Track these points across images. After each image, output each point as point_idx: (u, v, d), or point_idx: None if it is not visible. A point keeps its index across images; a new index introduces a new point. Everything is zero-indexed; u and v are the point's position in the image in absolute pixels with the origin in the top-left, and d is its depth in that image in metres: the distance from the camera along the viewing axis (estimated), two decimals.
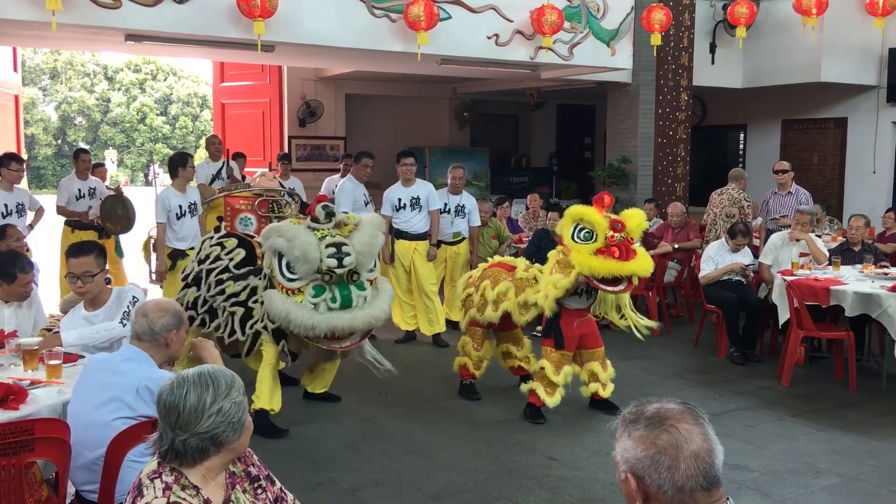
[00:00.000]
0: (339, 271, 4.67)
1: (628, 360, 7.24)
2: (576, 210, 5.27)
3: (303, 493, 4.10)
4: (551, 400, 5.46)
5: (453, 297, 8.20)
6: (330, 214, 4.90)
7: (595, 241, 5.11)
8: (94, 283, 4.14)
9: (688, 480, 1.70)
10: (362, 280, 4.81)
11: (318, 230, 4.79)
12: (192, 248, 6.96)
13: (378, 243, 4.94)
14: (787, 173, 8.88)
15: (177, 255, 7.20)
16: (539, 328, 5.91)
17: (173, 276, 7.07)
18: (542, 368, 5.50)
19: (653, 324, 5.70)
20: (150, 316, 3.19)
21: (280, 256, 4.75)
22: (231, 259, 5.60)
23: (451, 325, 8.22)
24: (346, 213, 5.57)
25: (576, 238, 5.18)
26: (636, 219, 5.26)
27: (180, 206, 7.18)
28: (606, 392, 5.66)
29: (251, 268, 5.55)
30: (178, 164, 7.34)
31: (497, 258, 6.39)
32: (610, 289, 5.19)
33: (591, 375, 5.68)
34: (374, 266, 4.98)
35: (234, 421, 2.13)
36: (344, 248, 4.70)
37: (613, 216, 5.18)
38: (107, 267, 4.35)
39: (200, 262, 5.71)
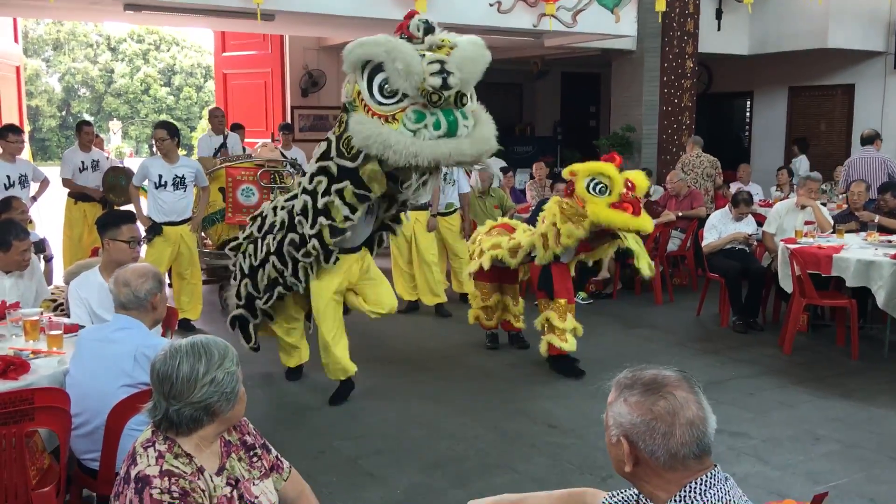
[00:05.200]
0: (445, 93, 3.96)
1: (631, 328, 7.26)
2: (593, 165, 5.42)
3: (304, 460, 4.15)
4: (567, 345, 5.78)
5: (460, 269, 8.17)
6: (428, 30, 4.13)
7: (610, 195, 5.29)
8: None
9: (681, 448, 1.70)
10: (468, 106, 4.12)
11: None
12: (172, 223, 6.92)
13: (483, 64, 4.13)
14: None
15: (154, 229, 6.87)
16: (582, 294, 6.17)
17: (150, 248, 6.87)
18: (548, 320, 5.82)
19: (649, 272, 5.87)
20: (132, 284, 3.22)
21: (371, 75, 4.09)
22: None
23: (463, 297, 8.21)
24: None
25: (591, 191, 5.33)
26: (640, 180, 5.52)
27: (160, 176, 6.88)
28: (567, 345, 5.82)
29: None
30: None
31: (502, 220, 6.77)
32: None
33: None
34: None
35: (228, 391, 2.14)
36: (447, 65, 3.95)
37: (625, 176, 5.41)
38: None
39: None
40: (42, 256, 7.31)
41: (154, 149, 7.14)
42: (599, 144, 12.04)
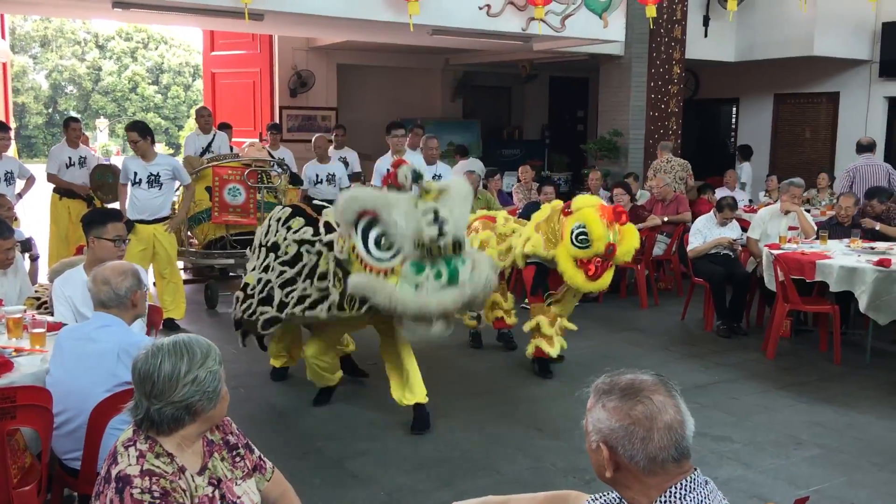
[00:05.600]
0: (441, 242, 3.87)
1: (615, 332, 7.29)
2: (590, 216, 5.31)
3: (289, 461, 4.14)
4: (553, 350, 5.85)
5: None
6: (417, 178, 4.06)
7: (585, 249, 5.29)
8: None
9: (660, 452, 1.71)
10: (464, 251, 4.04)
11: None
12: (144, 222, 6.90)
13: (469, 202, 4.17)
14: None
15: (126, 225, 6.94)
16: (526, 301, 6.16)
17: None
18: (539, 325, 5.86)
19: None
20: (112, 282, 3.20)
21: (366, 231, 4.01)
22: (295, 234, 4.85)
23: None
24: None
25: (573, 238, 5.32)
26: (629, 243, 5.39)
27: (136, 174, 6.92)
28: (554, 349, 5.87)
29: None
30: None
31: (481, 212, 6.74)
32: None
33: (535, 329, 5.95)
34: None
35: (210, 390, 2.14)
36: (441, 213, 3.87)
37: (612, 238, 5.27)
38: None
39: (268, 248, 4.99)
40: (28, 255, 7.27)
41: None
42: (587, 149, 12.08)
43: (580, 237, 5.30)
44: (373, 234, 3.98)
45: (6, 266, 4.46)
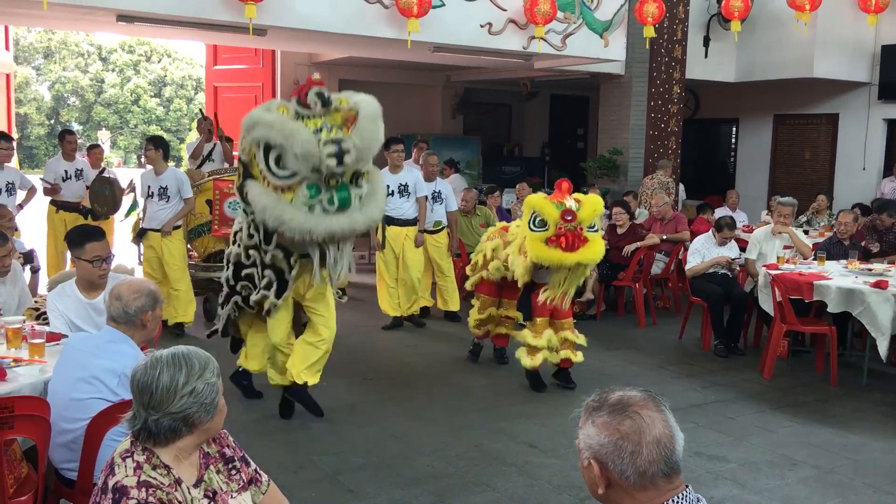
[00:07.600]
0: (339, 170, 4.12)
1: (613, 350, 7.29)
2: (532, 200, 5.59)
3: (283, 475, 4.15)
4: (530, 362, 5.92)
5: (445, 287, 8.20)
6: (327, 103, 4.28)
7: (547, 229, 5.45)
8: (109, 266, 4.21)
9: (650, 466, 1.73)
10: (362, 179, 4.33)
11: (309, 119, 4.24)
12: (153, 230, 7.24)
13: (380, 135, 4.31)
14: None
15: (141, 233, 7.47)
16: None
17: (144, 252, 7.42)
18: (524, 337, 6.03)
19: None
20: (124, 298, 3.18)
21: (267, 149, 4.21)
22: None
23: (448, 315, 8.25)
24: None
25: (532, 226, 5.53)
26: (590, 207, 5.57)
27: (148, 188, 7.28)
28: (578, 357, 6.00)
29: None
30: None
31: (501, 224, 6.80)
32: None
33: (563, 342, 5.99)
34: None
35: (207, 402, 2.15)
36: (344, 145, 4.10)
37: (567, 205, 5.48)
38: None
39: None
40: (29, 267, 7.30)
41: (143, 160, 7.34)
42: (586, 167, 12.12)
43: (537, 220, 5.50)
44: (273, 154, 4.18)
45: (3, 274, 4.47)
